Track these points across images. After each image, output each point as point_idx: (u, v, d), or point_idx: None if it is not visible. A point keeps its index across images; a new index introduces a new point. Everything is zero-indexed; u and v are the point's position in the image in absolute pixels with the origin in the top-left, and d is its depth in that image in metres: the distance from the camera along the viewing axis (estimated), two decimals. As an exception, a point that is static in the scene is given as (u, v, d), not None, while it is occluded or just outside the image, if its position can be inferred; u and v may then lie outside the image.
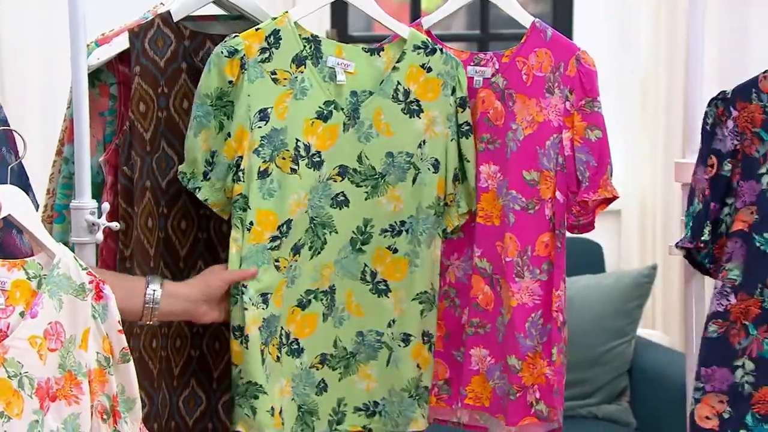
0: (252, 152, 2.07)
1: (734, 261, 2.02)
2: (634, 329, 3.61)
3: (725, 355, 2.01)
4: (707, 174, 2.06)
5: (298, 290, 2.11)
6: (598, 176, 2.09)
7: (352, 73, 2.13)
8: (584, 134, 2.08)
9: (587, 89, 2.09)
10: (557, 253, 2.11)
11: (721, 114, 2.05)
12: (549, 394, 2.13)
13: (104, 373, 1.77)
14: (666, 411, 3.40)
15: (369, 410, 2.14)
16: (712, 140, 2.06)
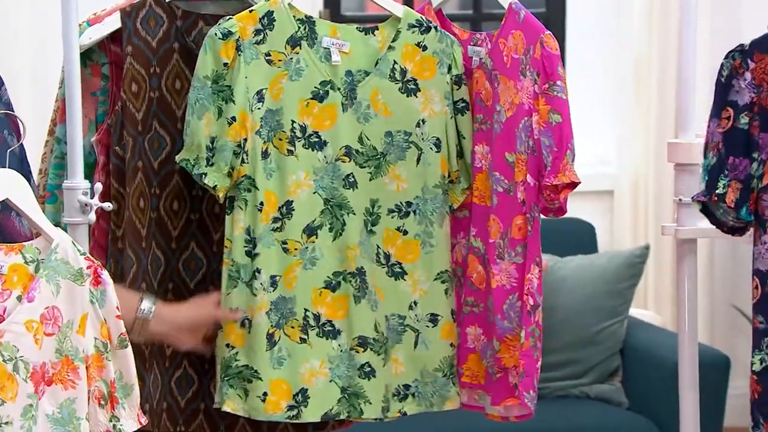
0: (254, 133, 2.07)
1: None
2: (627, 309, 3.62)
3: None
4: (721, 127, 2.03)
5: (323, 272, 2.10)
6: (558, 161, 2.07)
7: (347, 53, 2.12)
8: (547, 118, 2.07)
9: (549, 73, 2.07)
10: (529, 237, 2.11)
11: (738, 66, 2.02)
12: (518, 377, 2.13)
13: (102, 359, 1.77)
14: (658, 390, 3.41)
15: (400, 394, 2.14)
16: (727, 92, 2.03)
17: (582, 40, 4.25)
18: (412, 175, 2.14)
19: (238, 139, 2.06)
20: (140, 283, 2.09)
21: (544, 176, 2.08)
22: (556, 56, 2.07)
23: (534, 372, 2.10)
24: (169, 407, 2.14)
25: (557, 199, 2.09)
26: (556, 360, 3.58)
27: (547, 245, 3.74)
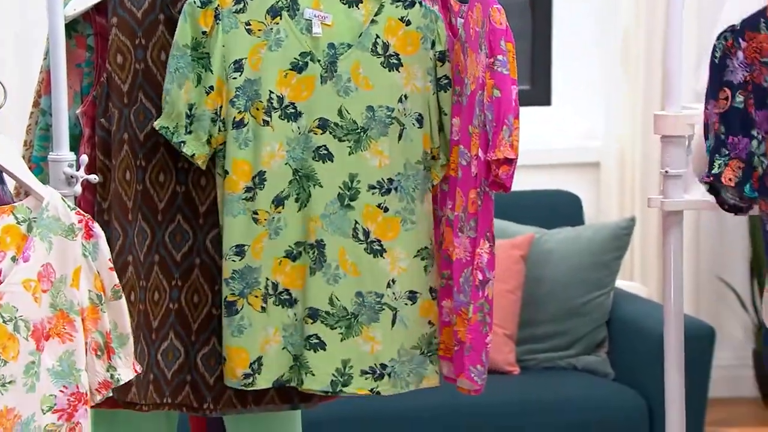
0: (228, 102, 2.08)
1: None
2: (613, 281, 3.63)
3: None
4: (717, 108, 2.05)
5: (285, 241, 2.12)
6: (496, 136, 2.06)
7: (330, 26, 2.12)
8: (491, 93, 2.07)
9: (493, 47, 2.07)
10: (479, 211, 2.11)
11: (731, 46, 2.03)
12: (462, 352, 2.13)
13: (97, 311, 1.80)
14: (643, 361, 3.43)
15: (376, 373, 2.14)
16: (722, 73, 2.04)
17: (569, 14, 4.24)
18: (395, 152, 2.14)
19: (215, 107, 2.08)
20: (126, 256, 2.09)
21: (486, 151, 2.08)
22: (500, 30, 2.06)
23: (482, 347, 2.10)
24: (155, 379, 2.15)
25: (498, 174, 2.07)
26: (543, 332, 3.59)
27: (533, 217, 3.78)
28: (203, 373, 2.17)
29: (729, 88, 2.04)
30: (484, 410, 3.28)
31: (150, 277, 2.14)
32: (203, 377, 2.17)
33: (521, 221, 3.71)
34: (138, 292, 2.11)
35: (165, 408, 2.17)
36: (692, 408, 2.66)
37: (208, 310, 2.17)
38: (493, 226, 2.12)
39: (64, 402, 1.76)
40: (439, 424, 3.28)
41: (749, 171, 2.04)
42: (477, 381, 2.11)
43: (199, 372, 2.17)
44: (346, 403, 2.59)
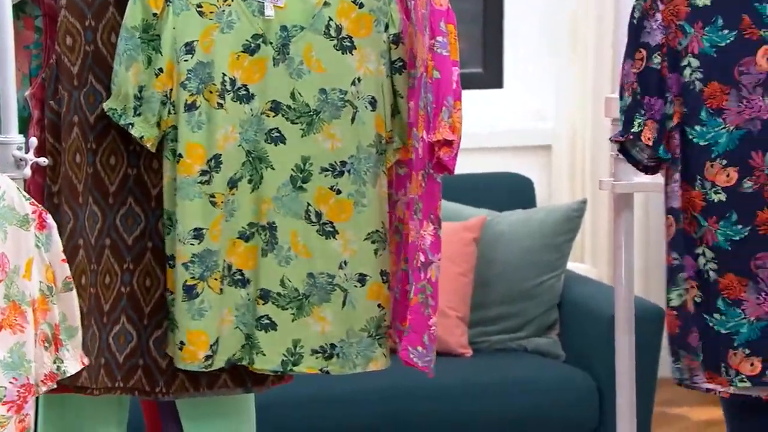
0: (179, 85, 2.07)
1: (679, 153, 2.06)
2: (564, 263, 3.65)
3: (687, 243, 2.05)
4: (635, 68, 2.09)
5: (239, 222, 2.12)
6: (435, 117, 2.08)
7: (282, 8, 2.11)
8: (432, 74, 2.08)
9: (433, 29, 2.08)
10: (423, 193, 2.12)
11: (649, 8, 2.07)
12: (401, 333, 2.14)
13: (47, 302, 1.78)
14: (594, 343, 3.46)
15: (326, 353, 2.15)
16: (640, 34, 2.08)
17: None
18: (347, 134, 2.14)
19: (165, 90, 2.07)
20: (77, 239, 2.08)
21: (428, 133, 2.09)
22: (440, 11, 2.07)
23: (423, 329, 2.11)
24: (106, 363, 2.13)
25: (440, 156, 2.08)
26: (494, 314, 3.61)
27: (485, 200, 3.79)
28: (156, 357, 2.16)
29: (645, 49, 2.07)
30: (435, 392, 3.30)
31: (101, 260, 2.12)
32: (156, 361, 2.16)
33: (473, 204, 3.72)
34: (89, 275, 2.10)
35: (116, 392, 2.16)
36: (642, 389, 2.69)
37: (161, 293, 2.16)
38: (438, 209, 2.12)
39: (14, 394, 1.74)
40: (390, 405, 3.29)
41: (662, 132, 2.08)
42: (418, 363, 2.12)
43: (151, 356, 2.16)
44: (299, 386, 2.60)
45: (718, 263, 2.03)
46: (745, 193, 2.01)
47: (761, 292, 2.01)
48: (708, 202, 2.02)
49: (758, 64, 2.00)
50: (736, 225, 2.01)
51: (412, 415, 3.32)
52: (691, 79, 2.03)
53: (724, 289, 2.02)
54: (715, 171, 2.02)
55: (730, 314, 2.02)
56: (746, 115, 2.01)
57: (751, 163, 2.01)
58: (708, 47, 2.02)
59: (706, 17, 2.02)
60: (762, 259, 2.01)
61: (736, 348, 2.02)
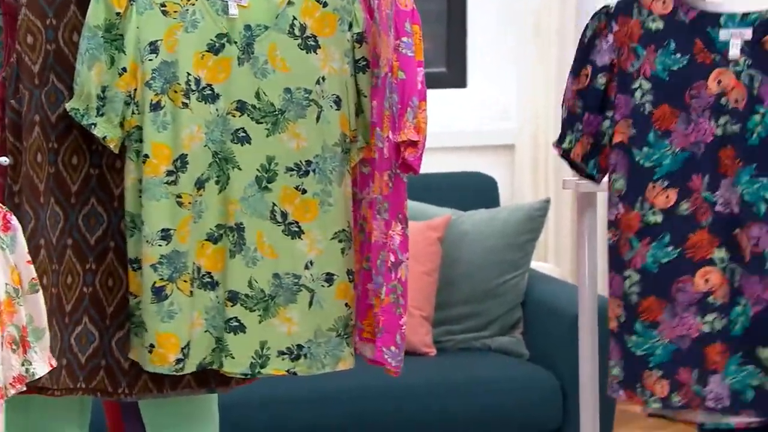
0: (144, 85, 2.06)
1: (618, 171, 2.09)
2: (528, 262, 3.66)
3: (618, 263, 2.10)
4: (576, 85, 2.12)
5: (206, 224, 2.11)
6: (401, 118, 2.08)
7: (246, 7, 2.11)
8: (397, 75, 2.09)
9: (398, 29, 2.09)
10: (390, 193, 2.12)
11: (603, 27, 2.10)
12: (361, 332, 2.15)
13: (13, 304, 1.76)
14: (557, 342, 3.47)
15: (293, 354, 2.14)
16: (589, 52, 2.12)
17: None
18: (312, 134, 2.14)
19: (129, 90, 2.06)
20: (38, 239, 2.06)
21: (394, 133, 2.09)
22: (405, 12, 2.08)
23: (395, 328, 2.11)
24: (68, 364, 2.12)
25: (405, 156, 2.08)
26: (458, 313, 3.61)
27: (449, 199, 3.79)
28: (118, 358, 2.15)
29: (591, 67, 2.10)
30: (400, 392, 3.30)
31: (63, 260, 2.11)
32: (118, 362, 2.15)
33: (437, 203, 3.72)
34: (51, 275, 2.08)
35: (78, 393, 2.15)
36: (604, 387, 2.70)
37: (124, 293, 2.15)
38: (405, 208, 2.12)
39: None
40: (355, 405, 3.29)
41: (596, 149, 2.12)
42: (391, 362, 2.12)
43: (114, 356, 2.15)
44: (263, 386, 2.59)
45: (642, 285, 2.06)
46: (681, 215, 2.03)
47: (676, 315, 2.03)
48: (644, 224, 2.05)
49: (709, 88, 2.02)
50: (667, 247, 2.04)
51: (377, 415, 3.32)
52: (642, 101, 2.06)
53: (643, 311, 2.05)
54: (656, 192, 2.05)
55: (646, 336, 2.05)
56: (692, 138, 2.03)
57: (691, 185, 2.03)
58: (660, 70, 2.05)
59: (659, 41, 2.05)
60: (683, 282, 2.04)
61: (650, 369, 2.05)
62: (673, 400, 2.04)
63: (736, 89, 2.00)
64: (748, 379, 2.00)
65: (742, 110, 2.00)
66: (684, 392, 2.03)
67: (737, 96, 2.00)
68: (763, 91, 1.98)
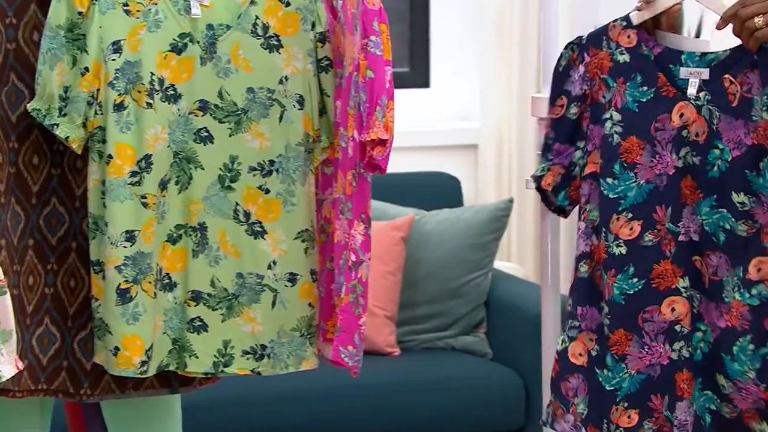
0: (107, 85, 2.05)
1: (592, 202, 2.10)
2: (491, 262, 3.68)
3: (594, 295, 2.10)
4: (551, 114, 2.15)
5: (167, 225, 2.10)
6: (369, 117, 2.09)
7: (208, 6, 2.10)
8: (365, 74, 2.09)
9: (366, 28, 2.09)
10: (354, 192, 2.12)
11: (576, 58, 2.13)
12: (324, 332, 2.15)
13: None
14: (520, 341, 3.48)
15: (257, 353, 2.14)
16: (564, 82, 2.14)
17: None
18: (275, 133, 2.13)
19: (92, 90, 2.04)
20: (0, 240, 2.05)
21: (361, 132, 2.09)
22: (373, 11, 2.08)
23: (354, 328, 2.11)
24: (29, 365, 2.11)
25: (373, 155, 2.09)
26: (422, 313, 3.62)
27: (413, 199, 3.80)
28: (80, 358, 2.14)
29: (566, 97, 2.13)
30: (364, 391, 3.30)
31: (24, 261, 2.09)
32: (80, 362, 2.14)
33: (401, 203, 3.72)
34: (11, 276, 2.07)
35: (40, 394, 2.13)
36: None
37: (86, 294, 2.13)
38: (368, 208, 2.13)
39: None
40: (318, 405, 3.28)
41: (567, 180, 2.14)
42: (348, 362, 2.12)
43: (75, 357, 2.14)
44: (226, 386, 2.58)
45: (611, 318, 2.06)
46: (645, 246, 2.05)
47: (644, 346, 2.04)
48: (609, 255, 2.06)
49: (672, 121, 2.05)
50: (632, 279, 2.05)
51: (341, 415, 3.32)
52: (611, 132, 2.07)
53: (613, 345, 2.06)
54: (620, 224, 2.06)
55: (616, 370, 2.05)
56: (657, 170, 2.06)
57: (655, 217, 2.05)
58: (631, 102, 2.07)
59: (627, 73, 2.08)
60: (650, 312, 2.05)
61: (618, 403, 2.05)
62: (645, 427, 2.04)
63: (696, 123, 2.04)
64: (706, 404, 2.03)
65: (703, 143, 2.03)
66: (656, 419, 2.04)
67: (698, 129, 2.04)
68: (721, 127, 2.02)
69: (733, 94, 2.01)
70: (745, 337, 1.99)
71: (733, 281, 2.01)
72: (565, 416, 2.11)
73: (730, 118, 2.02)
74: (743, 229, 2.01)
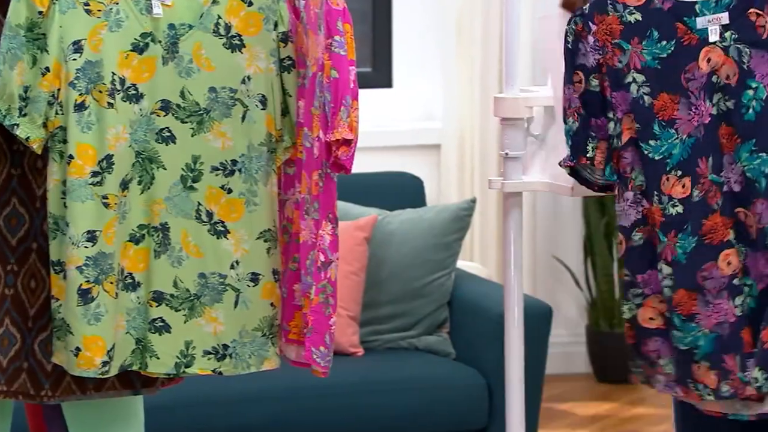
0: (68, 85, 2.04)
1: (636, 168, 2.05)
2: (454, 262, 3.68)
3: (654, 259, 2.05)
4: (576, 92, 2.09)
5: (129, 225, 2.09)
6: (334, 117, 2.09)
7: (170, 6, 2.10)
8: (330, 74, 2.09)
9: (330, 28, 2.09)
10: (321, 192, 2.12)
11: (581, 30, 2.08)
12: (287, 333, 2.15)
13: None
14: (483, 340, 3.49)
15: (219, 353, 2.13)
16: (575, 57, 2.09)
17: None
18: (238, 133, 2.13)
19: (52, 90, 2.03)
20: (-42, 241, 2.03)
21: (326, 132, 2.09)
22: (337, 11, 2.08)
23: (325, 329, 2.11)
24: (-10, 367, 2.09)
25: (338, 155, 2.09)
26: (385, 313, 3.62)
27: (375, 199, 3.80)
28: (41, 360, 2.12)
29: (582, 72, 2.08)
30: (327, 391, 3.29)
31: (-17, 262, 2.08)
32: (41, 364, 2.13)
33: (364, 203, 3.72)
34: (-29, 278, 2.05)
35: (0, 396, 2.11)
36: (530, 385, 2.72)
37: (46, 295, 2.12)
38: (335, 208, 2.12)
39: None
40: (281, 405, 3.28)
41: (610, 153, 2.09)
42: (320, 363, 2.12)
43: (36, 358, 2.12)
44: (188, 387, 2.57)
45: (674, 279, 2.02)
46: (695, 202, 2.02)
47: (709, 304, 2.01)
48: (667, 217, 2.02)
49: (701, 68, 2.01)
50: (691, 236, 2.01)
51: (303, 415, 3.31)
52: (639, 94, 2.04)
53: (677, 305, 2.02)
54: (671, 184, 2.02)
55: (686, 329, 2.02)
56: (695, 121, 2.02)
57: (698, 170, 2.02)
58: (650, 60, 2.03)
59: (641, 32, 2.04)
60: (708, 270, 2.01)
61: (698, 362, 2.02)
62: (722, 390, 2.01)
63: (726, 65, 2.00)
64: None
65: (735, 86, 1.99)
66: (731, 381, 2.01)
67: (728, 72, 2.00)
68: (753, 64, 1.98)
69: (762, 27, 1.97)
70: None
71: None
72: (655, 376, 2.08)
73: (762, 52, 1.98)
74: None
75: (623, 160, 2.07)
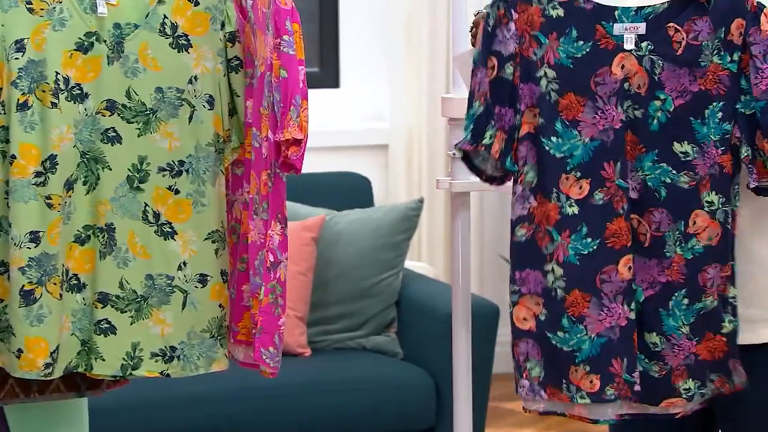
0: (10, 84, 2.02)
1: (529, 163, 2.05)
2: (402, 261, 3.69)
3: (535, 258, 2.04)
4: (488, 76, 2.06)
5: (74, 226, 2.07)
6: (284, 117, 2.08)
7: (115, 5, 2.08)
8: (279, 74, 2.08)
9: (278, 27, 2.08)
10: (270, 193, 2.12)
11: (503, 16, 2.05)
12: (236, 334, 2.15)
13: None
14: (431, 340, 3.50)
15: (166, 355, 2.12)
16: (492, 42, 2.06)
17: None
18: (185, 133, 2.12)
19: None
20: None
21: (276, 132, 2.09)
22: (286, 10, 2.07)
23: (274, 329, 2.10)
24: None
25: (288, 155, 2.08)
26: (333, 313, 3.62)
27: (324, 199, 3.80)
28: (-15, 363, 2.10)
29: (496, 58, 2.06)
30: (275, 392, 3.29)
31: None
32: (-15, 367, 2.10)
33: (312, 203, 3.72)
34: None
35: (-57, 400, 2.09)
36: (478, 384, 2.73)
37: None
38: (284, 208, 2.12)
39: None
40: (229, 407, 3.27)
41: (510, 143, 2.07)
42: (269, 363, 2.11)
43: (-21, 362, 2.10)
44: (134, 389, 2.55)
45: (566, 280, 2.02)
46: (596, 205, 2.02)
47: (603, 307, 2.02)
48: (563, 216, 2.02)
49: (613, 73, 2.02)
50: (586, 238, 2.02)
51: (252, 416, 3.30)
52: (547, 89, 2.03)
53: (569, 306, 2.02)
54: (570, 183, 2.02)
55: (573, 331, 2.02)
56: (600, 126, 2.02)
57: (603, 174, 2.02)
58: (564, 58, 2.03)
59: (561, 28, 2.03)
60: (607, 273, 2.02)
61: (577, 364, 2.02)
62: (607, 393, 2.01)
63: (638, 74, 2.01)
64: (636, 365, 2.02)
65: (644, 96, 2.01)
66: (616, 384, 2.02)
67: (639, 81, 2.01)
68: (663, 76, 2.00)
69: (679, 42, 1.99)
70: (680, 291, 2.00)
71: (675, 235, 2.00)
72: (520, 381, 2.08)
73: (674, 66, 1.99)
74: (685, 181, 2.00)
75: (518, 153, 2.06)
